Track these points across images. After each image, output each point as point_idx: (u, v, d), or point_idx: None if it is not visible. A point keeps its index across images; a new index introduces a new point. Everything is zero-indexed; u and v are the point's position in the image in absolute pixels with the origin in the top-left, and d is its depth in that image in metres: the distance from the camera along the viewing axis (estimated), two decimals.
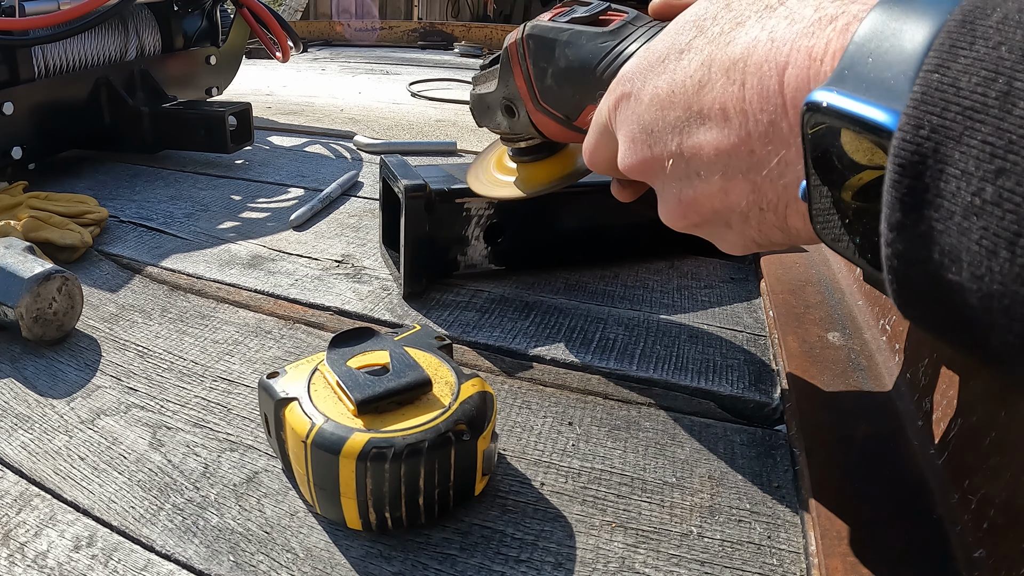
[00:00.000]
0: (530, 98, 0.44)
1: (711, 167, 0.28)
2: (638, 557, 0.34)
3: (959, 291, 0.18)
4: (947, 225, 0.17)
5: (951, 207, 0.17)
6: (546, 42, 0.42)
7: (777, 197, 0.27)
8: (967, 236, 0.17)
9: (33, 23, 0.77)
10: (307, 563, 0.33)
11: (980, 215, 0.16)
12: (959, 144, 0.17)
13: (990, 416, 0.32)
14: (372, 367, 0.37)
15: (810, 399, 0.43)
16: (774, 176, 0.26)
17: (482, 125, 0.52)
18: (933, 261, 0.18)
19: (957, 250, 0.17)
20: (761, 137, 0.26)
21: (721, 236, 0.33)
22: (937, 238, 0.18)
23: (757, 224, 0.29)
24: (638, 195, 0.43)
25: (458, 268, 0.60)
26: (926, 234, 0.18)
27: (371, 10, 4.58)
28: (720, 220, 0.31)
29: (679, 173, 0.30)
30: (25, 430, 0.41)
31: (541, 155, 0.51)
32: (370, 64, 2.06)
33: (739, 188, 0.28)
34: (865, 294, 0.56)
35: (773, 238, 0.30)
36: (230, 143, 0.91)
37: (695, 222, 0.33)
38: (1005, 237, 0.16)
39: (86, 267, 0.63)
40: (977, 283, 0.17)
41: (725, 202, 0.29)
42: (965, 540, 0.31)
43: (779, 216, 0.28)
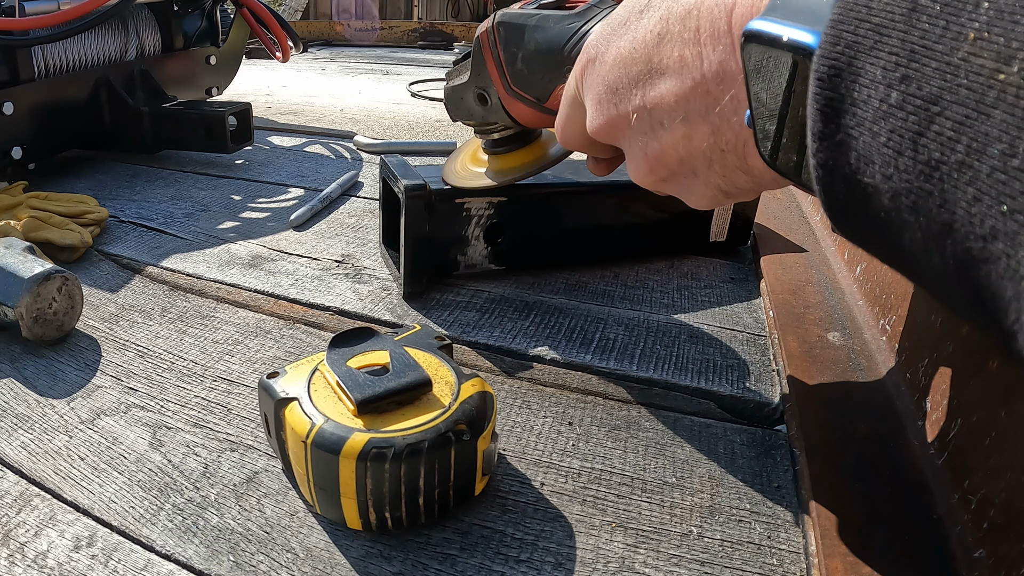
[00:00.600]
0: (502, 84, 0.45)
1: (672, 114, 0.30)
2: (638, 557, 0.34)
3: (874, 193, 0.20)
4: (860, 131, 0.19)
5: (863, 113, 0.19)
6: (515, 28, 0.43)
7: (735, 136, 0.28)
8: (877, 139, 0.19)
9: (33, 23, 0.77)
10: (307, 563, 0.33)
11: (887, 118, 0.18)
12: (870, 56, 0.18)
13: (990, 416, 0.32)
14: (372, 367, 0.37)
15: (810, 399, 0.43)
16: (728, 113, 0.28)
17: (456, 119, 0.53)
18: (850, 166, 0.20)
19: (870, 153, 0.19)
20: (715, 77, 0.28)
21: (689, 188, 0.34)
22: (853, 144, 0.20)
23: (720, 168, 0.30)
24: (613, 169, 0.44)
25: (458, 268, 0.60)
26: (843, 141, 0.20)
27: (371, 10, 4.58)
28: (686, 170, 0.32)
29: (644, 126, 0.32)
30: (25, 430, 0.41)
31: (513, 146, 0.52)
32: (370, 64, 2.06)
33: (700, 131, 0.29)
34: (865, 294, 0.56)
35: (737, 181, 0.31)
36: (230, 143, 0.91)
37: (662, 176, 0.34)
38: (909, 136, 0.18)
39: (86, 267, 0.63)
40: (887, 183, 0.19)
41: (688, 148, 0.31)
42: (965, 540, 0.31)
43: (739, 156, 0.29)
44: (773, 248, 0.67)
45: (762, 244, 0.68)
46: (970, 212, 0.16)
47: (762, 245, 0.68)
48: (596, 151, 0.41)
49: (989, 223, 0.16)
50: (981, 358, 0.35)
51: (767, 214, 0.76)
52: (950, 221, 0.17)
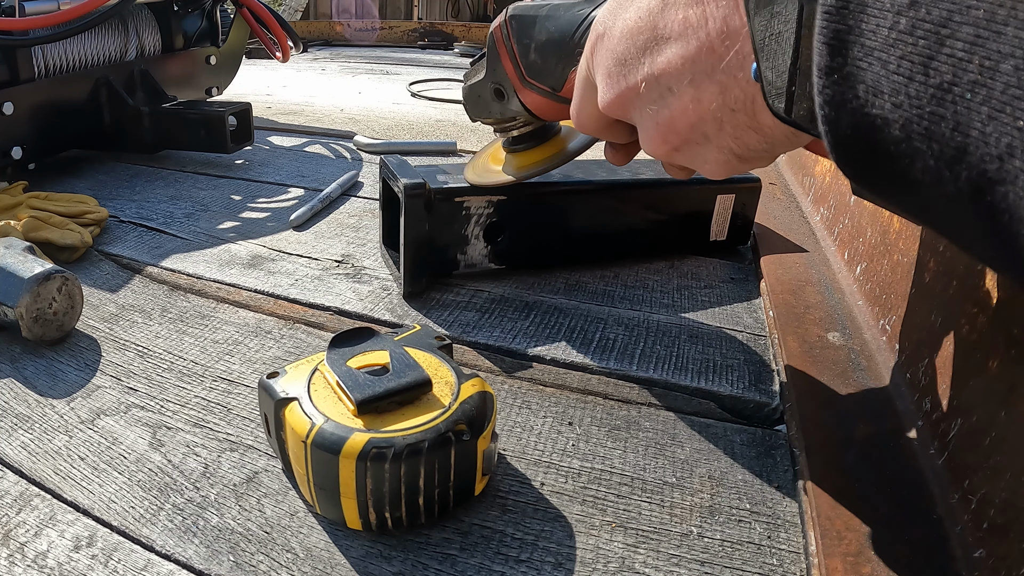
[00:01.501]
0: (517, 77, 0.46)
1: (680, 78, 0.30)
2: (638, 557, 0.34)
3: (884, 125, 0.20)
4: (869, 61, 0.19)
5: (871, 43, 0.19)
6: (527, 20, 0.44)
7: (742, 92, 0.29)
8: (886, 67, 0.19)
9: (33, 23, 0.77)
10: (307, 563, 0.33)
11: (896, 45, 0.18)
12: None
13: (990, 416, 0.32)
14: (372, 367, 0.37)
15: (810, 399, 0.43)
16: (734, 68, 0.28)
17: (475, 118, 0.53)
18: (858, 99, 0.20)
19: (879, 83, 0.19)
20: (719, 34, 0.28)
21: (702, 156, 0.34)
22: (861, 75, 0.20)
23: (732, 128, 0.30)
24: (631, 158, 0.44)
25: (458, 267, 0.60)
26: (851, 74, 0.20)
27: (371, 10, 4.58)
28: (698, 135, 0.32)
29: (653, 94, 0.32)
30: (25, 430, 0.41)
31: (532, 143, 0.53)
32: (370, 64, 2.06)
33: (708, 92, 0.30)
34: (865, 294, 0.56)
35: (750, 142, 0.31)
36: (230, 143, 0.91)
37: (675, 144, 0.34)
38: (919, 61, 0.18)
39: (86, 267, 0.63)
40: (898, 111, 0.19)
41: (698, 111, 0.31)
42: (965, 540, 0.31)
43: (748, 113, 0.29)
44: (773, 248, 0.67)
45: (762, 244, 0.68)
46: (985, 132, 0.16)
47: (762, 245, 0.68)
48: (611, 134, 0.41)
49: (1005, 140, 0.16)
50: (981, 358, 0.35)
51: (767, 214, 0.76)
52: (964, 144, 0.17)
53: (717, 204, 0.67)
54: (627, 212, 0.65)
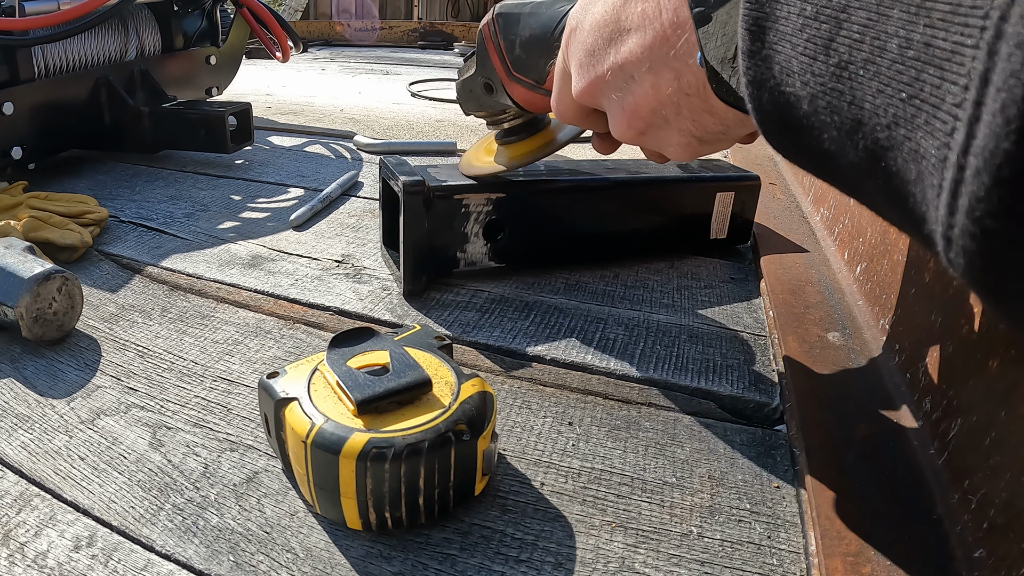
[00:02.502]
0: (504, 71, 0.48)
1: (640, 66, 0.33)
2: (638, 557, 0.34)
3: (796, 101, 0.22)
4: (783, 44, 0.22)
5: (784, 28, 0.21)
6: (512, 17, 0.47)
7: (694, 77, 0.31)
8: (796, 49, 0.21)
9: (33, 23, 0.77)
10: (307, 563, 0.33)
11: (804, 29, 0.21)
12: None
13: (990, 416, 0.32)
14: (372, 367, 0.37)
15: (810, 399, 0.43)
16: (684, 55, 0.31)
17: (468, 112, 0.56)
18: (775, 78, 0.22)
19: (790, 63, 0.21)
20: (671, 25, 0.31)
21: (665, 139, 0.36)
22: (776, 57, 0.22)
23: (689, 112, 0.33)
24: (616, 147, 0.46)
25: (458, 265, 0.60)
26: (768, 56, 0.22)
27: (371, 10, 4.58)
28: (659, 119, 0.35)
29: (618, 82, 0.35)
30: (25, 430, 0.41)
31: (523, 135, 0.55)
32: (370, 64, 2.06)
33: (665, 78, 0.32)
34: (865, 294, 0.56)
35: (706, 124, 0.33)
36: (230, 143, 0.91)
37: (640, 128, 0.36)
38: (821, 43, 0.20)
39: (86, 267, 0.63)
40: (805, 88, 0.21)
41: (658, 96, 0.33)
42: (965, 540, 0.31)
43: (702, 98, 0.32)
44: (773, 248, 0.67)
45: (762, 244, 0.68)
46: (876, 104, 0.18)
47: (762, 245, 0.68)
48: (588, 122, 0.43)
49: (892, 111, 0.18)
50: (981, 358, 0.35)
51: (767, 214, 0.76)
52: (859, 116, 0.19)
53: (717, 202, 0.67)
54: (627, 210, 0.65)
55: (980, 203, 0.15)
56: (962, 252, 0.16)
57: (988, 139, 0.15)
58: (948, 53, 0.16)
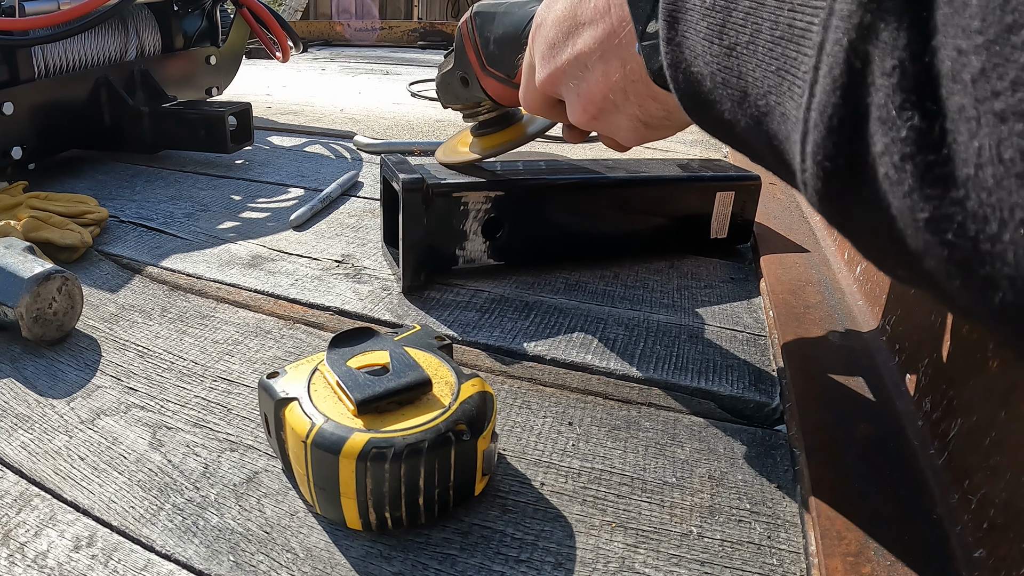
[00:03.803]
0: (479, 65, 0.51)
1: (592, 56, 0.36)
2: (638, 557, 0.34)
3: (701, 79, 0.25)
4: (690, 31, 0.25)
5: (691, 18, 0.25)
6: (488, 16, 0.50)
7: (637, 65, 0.34)
8: (699, 35, 0.24)
9: (33, 23, 0.77)
10: (307, 563, 0.33)
11: (705, 17, 0.24)
12: None
13: (990, 416, 0.32)
14: (372, 367, 0.37)
15: (810, 399, 0.43)
16: (628, 45, 0.34)
17: (447, 105, 0.59)
18: (687, 61, 0.26)
19: (696, 47, 0.25)
20: (618, 19, 0.34)
21: (616, 124, 0.39)
22: (686, 43, 0.25)
23: (635, 97, 0.36)
24: (584, 136, 0.49)
25: (457, 263, 0.60)
26: (681, 42, 0.26)
27: (371, 10, 4.58)
28: (609, 105, 0.38)
29: (575, 71, 0.38)
30: (25, 430, 0.41)
31: (497, 128, 0.58)
32: (370, 64, 2.06)
33: (613, 66, 0.35)
34: (865, 294, 0.56)
35: (651, 110, 0.36)
36: (230, 143, 0.91)
37: (593, 113, 0.39)
38: (716, 29, 0.23)
39: (86, 267, 0.63)
40: (707, 67, 0.25)
41: (608, 83, 0.36)
42: (965, 540, 0.31)
43: (645, 83, 0.35)
44: (773, 248, 0.67)
45: (762, 244, 0.68)
46: (755, 77, 0.22)
47: (762, 245, 0.68)
48: (553, 113, 0.45)
49: (767, 82, 0.21)
50: (981, 358, 0.35)
51: (767, 214, 0.76)
52: (744, 88, 0.23)
53: (717, 202, 0.67)
54: (626, 209, 0.65)
55: (820, 149, 0.19)
56: (814, 192, 0.20)
57: (822, 95, 0.18)
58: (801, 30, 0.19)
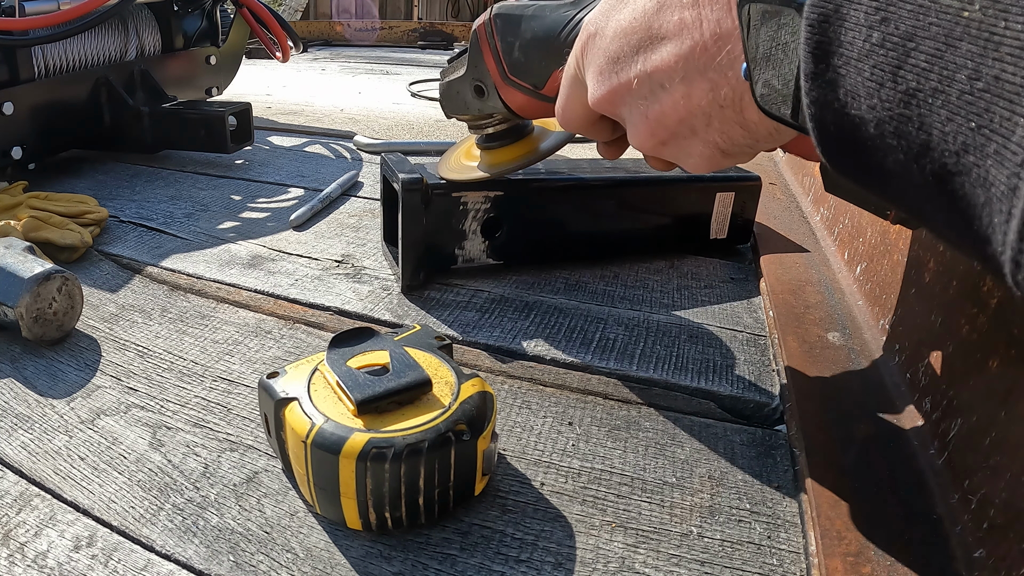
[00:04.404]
0: (499, 74, 0.47)
1: (672, 75, 0.32)
2: (638, 557, 0.34)
3: (861, 124, 0.22)
4: (847, 69, 0.22)
5: (849, 53, 0.22)
6: (512, 19, 0.45)
7: (732, 90, 0.31)
8: (862, 75, 0.22)
9: (33, 23, 0.77)
10: (307, 563, 0.33)
11: (870, 55, 0.21)
12: (852, 3, 0.21)
13: (990, 416, 0.32)
14: (372, 367, 0.37)
15: (810, 399, 0.43)
16: (725, 67, 0.30)
17: (451, 115, 0.54)
18: (839, 101, 0.23)
19: (856, 87, 0.22)
20: (712, 35, 0.30)
21: (687, 150, 0.35)
22: (841, 81, 0.22)
23: (719, 123, 0.33)
24: (622, 152, 0.45)
25: (456, 262, 0.60)
26: (833, 80, 0.23)
27: (371, 10, 4.58)
28: (685, 129, 0.34)
29: (644, 90, 0.34)
30: (25, 430, 0.41)
31: (506, 141, 0.54)
32: (370, 64, 2.06)
33: (699, 89, 0.32)
34: (865, 294, 0.56)
35: (735, 137, 0.33)
36: (230, 143, 0.91)
37: (663, 138, 0.35)
38: (888, 70, 0.21)
39: (86, 267, 0.63)
40: (872, 112, 0.22)
41: (688, 106, 0.33)
42: (965, 540, 0.31)
43: (736, 110, 0.31)
44: (773, 248, 0.67)
45: (762, 244, 0.68)
46: (944, 131, 0.19)
47: (762, 245, 0.68)
48: (595, 131, 0.42)
49: (960, 139, 0.19)
50: (981, 358, 0.35)
51: (767, 214, 0.76)
52: (927, 141, 0.20)
53: (717, 202, 0.67)
54: (626, 209, 0.65)
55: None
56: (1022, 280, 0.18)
57: None
58: (1018, 88, 0.17)
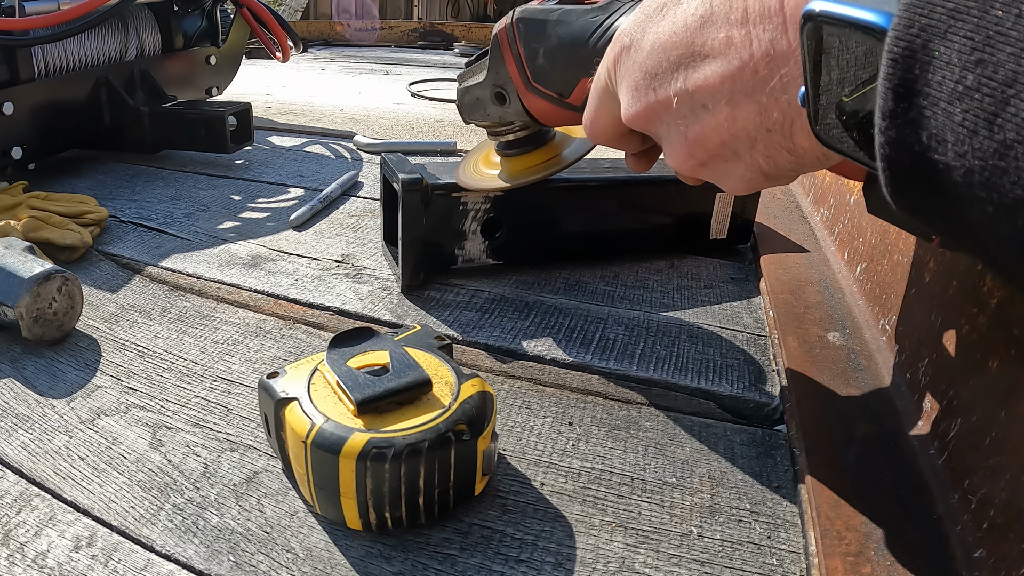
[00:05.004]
0: (522, 80, 0.45)
1: (717, 96, 0.30)
2: (638, 557, 0.34)
3: (945, 170, 0.20)
4: (934, 111, 0.20)
5: (937, 94, 0.20)
6: (536, 23, 0.43)
7: (782, 114, 0.29)
8: (951, 119, 0.20)
9: (33, 23, 0.77)
10: (307, 563, 0.33)
11: (962, 99, 0.19)
12: (944, 39, 0.19)
13: (990, 416, 0.32)
14: (372, 367, 0.37)
15: (810, 399, 0.43)
16: (777, 92, 0.28)
17: (469, 120, 0.52)
18: (921, 144, 0.21)
19: (943, 132, 0.20)
20: (764, 56, 0.28)
21: (728, 172, 0.33)
22: (925, 123, 0.20)
23: (764, 147, 0.30)
24: (652, 164, 0.44)
25: (456, 262, 0.60)
26: (915, 120, 0.21)
27: (371, 10, 4.58)
28: (727, 152, 0.32)
29: (685, 110, 0.32)
30: (25, 430, 0.41)
31: (527, 148, 0.52)
32: (370, 64, 2.06)
33: (745, 111, 0.30)
34: (865, 294, 0.56)
35: (780, 161, 0.31)
36: (230, 143, 0.91)
37: (702, 160, 0.33)
38: (984, 117, 0.19)
39: (86, 267, 0.63)
40: (960, 160, 0.20)
41: (732, 130, 0.31)
42: (965, 540, 0.31)
43: (785, 135, 0.29)
44: (773, 248, 0.67)
45: (762, 244, 0.68)
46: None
47: (762, 245, 0.68)
48: (625, 144, 0.40)
49: None
50: (981, 358, 0.35)
51: (767, 214, 0.76)
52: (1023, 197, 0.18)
53: (717, 202, 0.67)
54: (626, 209, 0.65)
55: None
56: None
57: None
58: None
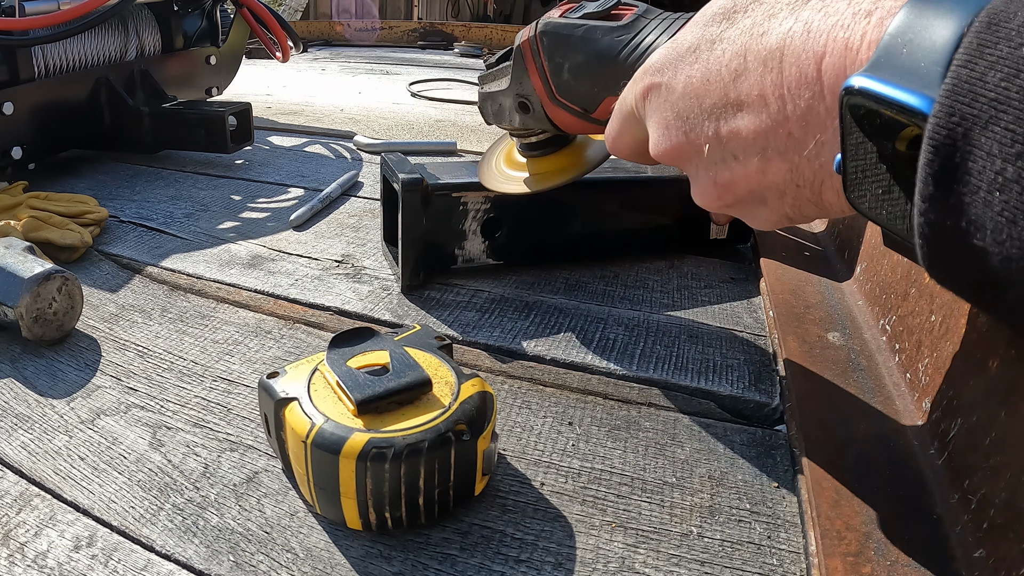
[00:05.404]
0: (546, 94, 0.45)
1: (749, 149, 0.30)
2: (638, 557, 0.34)
3: (983, 255, 0.21)
4: (973, 199, 0.20)
5: (977, 183, 0.20)
6: (561, 38, 0.42)
7: (813, 174, 0.29)
8: (991, 208, 0.20)
9: (33, 23, 0.77)
10: (307, 563, 0.33)
11: (1002, 190, 0.19)
12: (985, 130, 0.19)
13: (990, 416, 0.32)
14: (372, 367, 0.37)
15: (810, 399, 0.43)
16: (812, 155, 0.28)
17: (491, 123, 0.53)
18: (960, 229, 0.21)
19: (982, 220, 0.20)
20: (799, 120, 0.28)
21: (754, 214, 0.34)
22: (965, 209, 0.21)
23: (793, 200, 0.31)
24: None
25: (456, 262, 0.60)
26: (955, 206, 0.21)
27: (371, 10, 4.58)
28: (755, 198, 0.32)
29: (716, 156, 0.32)
30: (25, 430, 0.41)
31: (551, 149, 0.52)
32: (370, 64, 2.06)
33: (777, 168, 0.30)
34: (865, 294, 0.56)
35: (806, 212, 0.31)
36: (230, 143, 0.91)
37: (729, 202, 0.34)
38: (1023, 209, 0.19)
39: (86, 267, 0.63)
40: (998, 247, 0.20)
41: (762, 181, 0.31)
42: (965, 540, 0.31)
43: (814, 192, 0.30)
44: (773, 248, 0.67)
45: (762, 244, 0.68)
46: None
47: (762, 245, 0.68)
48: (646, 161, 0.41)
49: None
50: (981, 358, 0.35)
51: None
52: None
53: None
54: (626, 209, 0.65)
55: None
56: None
57: None
58: None
